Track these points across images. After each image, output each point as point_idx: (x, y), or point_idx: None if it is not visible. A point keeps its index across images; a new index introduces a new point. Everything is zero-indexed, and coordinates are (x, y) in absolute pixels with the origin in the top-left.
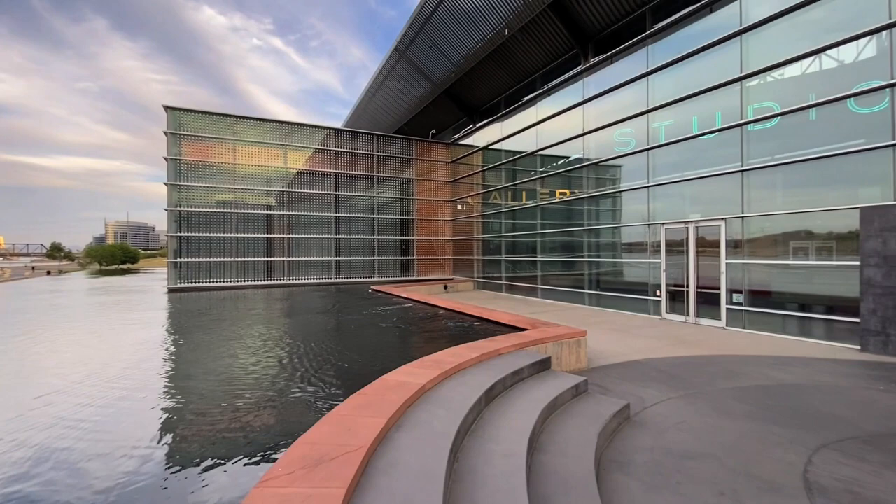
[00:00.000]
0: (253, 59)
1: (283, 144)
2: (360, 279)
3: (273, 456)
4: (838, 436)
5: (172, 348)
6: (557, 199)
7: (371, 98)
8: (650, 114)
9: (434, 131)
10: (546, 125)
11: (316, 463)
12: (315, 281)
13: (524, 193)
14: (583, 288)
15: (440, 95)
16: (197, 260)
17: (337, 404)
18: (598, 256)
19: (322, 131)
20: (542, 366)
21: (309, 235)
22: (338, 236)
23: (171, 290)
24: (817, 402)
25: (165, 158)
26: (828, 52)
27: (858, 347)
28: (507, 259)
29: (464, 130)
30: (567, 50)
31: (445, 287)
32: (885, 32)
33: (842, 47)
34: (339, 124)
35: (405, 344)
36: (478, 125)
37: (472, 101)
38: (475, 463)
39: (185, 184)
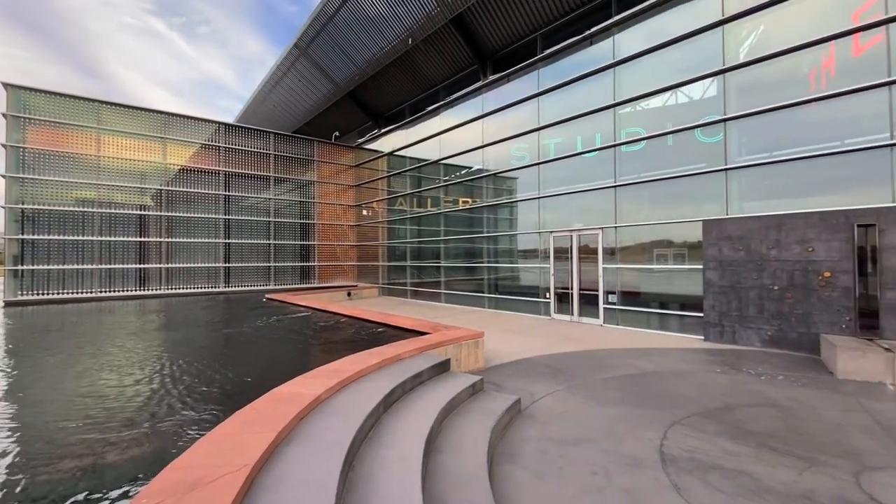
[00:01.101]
0: (128, 39)
1: (162, 137)
2: (253, 287)
3: (138, 488)
4: (686, 413)
5: (6, 374)
6: (460, 207)
7: (268, 94)
8: (541, 131)
9: (337, 133)
10: (449, 135)
11: (189, 488)
12: (200, 290)
13: (429, 200)
14: (483, 292)
15: (344, 98)
16: (46, 267)
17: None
18: (497, 262)
19: (210, 125)
20: (442, 368)
21: (193, 239)
22: (227, 241)
23: (8, 304)
24: (671, 385)
25: (3, 145)
26: (681, 88)
27: (703, 338)
28: (412, 265)
29: (369, 135)
30: (468, 65)
31: (349, 294)
32: (721, 76)
33: (692, 85)
34: (231, 119)
35: (302, 355)
36: (383, 130)
37: (378, 106)
38: (370, 470)
39: (32, 177)
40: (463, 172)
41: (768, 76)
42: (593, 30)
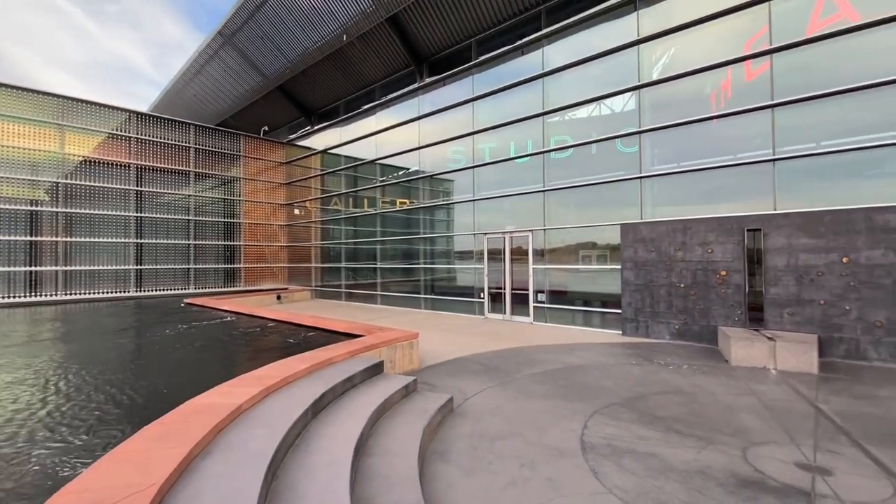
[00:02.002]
0: (18, 12)
1: (59, 124)
2: (170, 291)
3: None
4: (605, 403)
5: None
6: (398, 208)
7: (188, 83)
8: (476, 136)
9: (266, 128)
10: (385, 135)
11: None
12: (106, 295)
13: (365, 200)
14: (419, 293)
15: (274, 91)
16: None
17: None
18: (433, 263)
19: (120, 114)
20: (375, 370)
21: (97, 239)
22: (139, 241)
23: None
24: (593, 378)
25: None
26: (604, 101)
27: (621, 332)
28: (347, 266)
29: (301, 131)
30: (405, 66)
31: (279, 297)
32: (637, 92)
33: (614, 99)
34: (145, 108)
35: (224, 363)
36: (316, 127)
37: (310, 102)
38: (296, 478)
39: None
40: (400, 173)
41: (677, 94)
42: (524, 40)
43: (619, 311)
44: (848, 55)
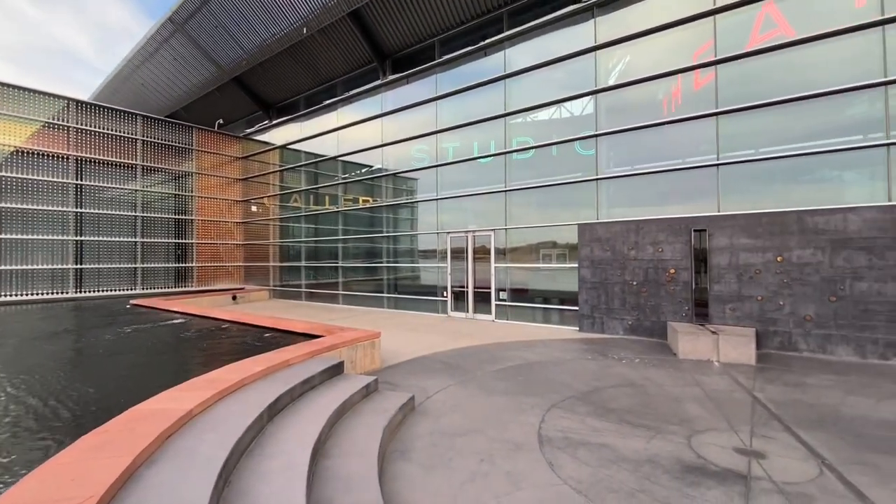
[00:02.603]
0: None
1: None
2: (115, 292)
3: None
4: (562, 397)
5: None
6: (360, 206)
7: (135, 70)
8: (440, 135)
9: (221, 121)
10: (348, 132)
11: None
12: (40, 297)
13: (327, 198)
14: (382, 292)
15: (230, 83)
16: None
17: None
18: (397, 262)
19: (57, 101)
20: (335, 371)
21: (30, 236)
22: (79, 238)
23: None
24: (551, 373)
25: None
26: (564, 104)
27: (578, 329)
28: (307, 265)
29: (258, 125)
30: (367, 62)
31: (234, 297)
32: (594, 96)
33: (574, 102)
34: (87, 96)
35: (174, 367)
36: (275, 122)
37: (269, 96)
38: (249, 484)
39: None
40: (363, 171)
41: (632, 100)
42: (487, 42)
43: (576, 308)
44: (785, 68)
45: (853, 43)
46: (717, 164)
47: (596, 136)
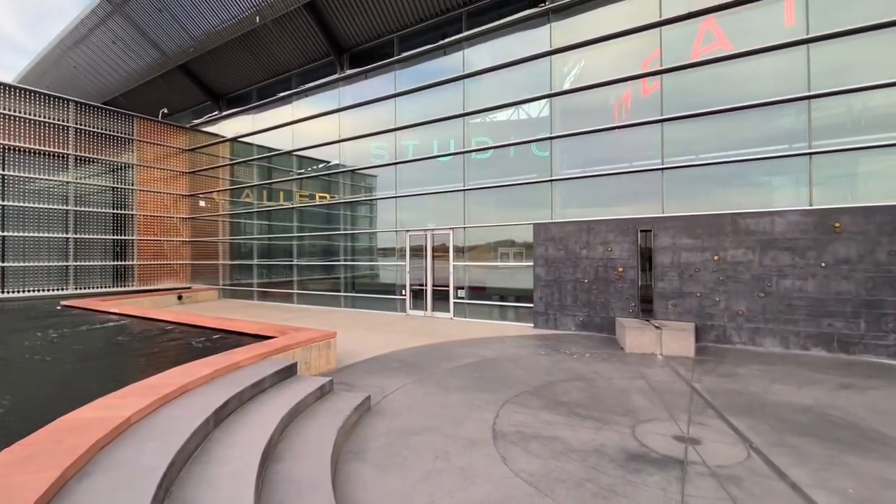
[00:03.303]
0: None
1: None
2: (43, 293)
3: None
4: (516, 392)
5: None
6: (317, 203)
7: (67, 52)
8: (399, 132)
9: (166, 111)
10: (303, 126)
11: None
12: None
13: (281, 194)
14: (340, 291)
15: (175, 70)
16: None
17: None
18: (354, 260)
19: None
20: (288, 373)
21: None
22: (2, 234)
23: None
24: (506, 369)
25: None
26: (522, 106)
27: (533, 325)
28: (260, 263)
29: (207, 116)
30: (324, 55)
31: (180, 297)
32: (549, 100)
33: (531, 105)
34: (11, 78)
35: (109, 372)
36: (225, 113)
37: (218, 85)
38: (194, 493)
39: None
40: (320, 166)
41: (585, 104)
42: (446, 41)
43: (531, 305)
44: (724, 80)
45: (783, 59)
46: (662, 169)
47: (550, 138)
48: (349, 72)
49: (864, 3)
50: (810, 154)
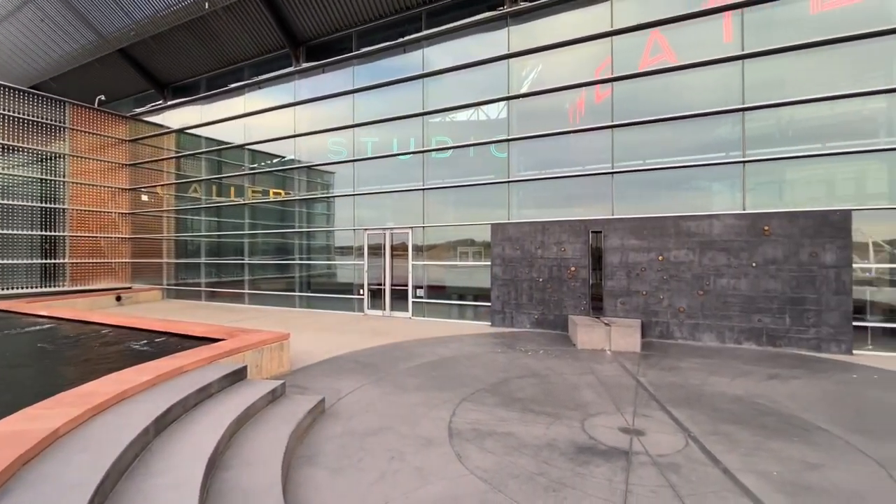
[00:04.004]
0: None
1: None
2: None
3: None
4: (472, 390)
5: None
6: (271, 199)
7: None
8: (358, 129)
9: (103, 97)
10: (256, 119)
11: None
12: None
13: (232, 189)
14: (294, 291)
15: (114, 55)
16: None
17: None
18: (310, 259)
19: None
20: (237, 377)
21: None
22: None
23: None
24: (463, 367)
25: None
26: (481, 107)
27: (490, 324)
28: (208, 262)
29: (150, 105)
30: (279, 47)
31: (119, 298)
32: (507, 102)
33: (490, 106)
34: None
35: (35, 381)
36: (170, 102)
37: (163, 73)
38: None
39: None
40: (274, 161)
41: (542, 107)
42: (405, 39)
43: (489, 303)
44: (670, 90)
45: (721, 72)
46: (612, 173)
47: (508, 140)
48: (305, 65)
49: (793, 25)
50: (744, 162)
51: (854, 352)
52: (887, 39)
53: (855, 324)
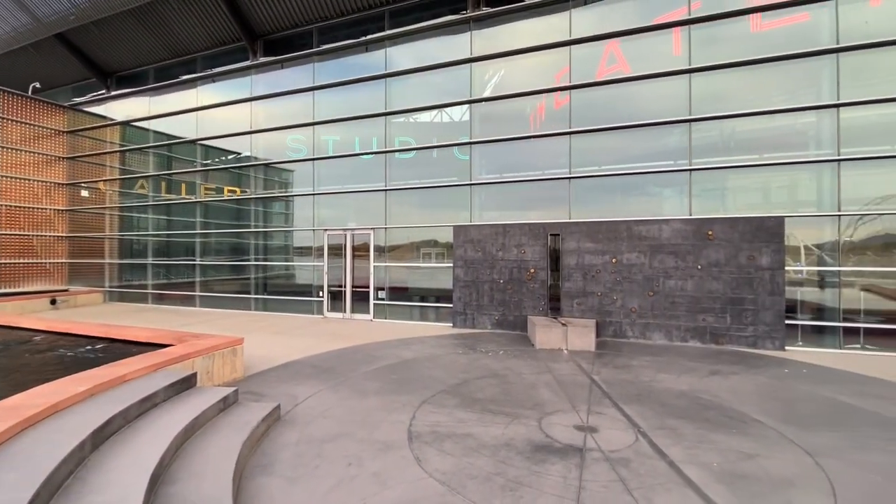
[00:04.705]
0: None
1: None
2: None
3: None
4: (433, 392)
5: None
6: (225, 198)
7: None
8: (319, 126)
9: (38, 85)
10: (210, 113)
11: None
12: None
13: (183, 186)
14: (250, 293)
15: (51, 40)
16: None
17: None
18: (267, 260)
19: None
20: (185, 384)
21: None
22: None
23: None
24: (425, 369)
25: None
26: (445, 109)
27: (452, 325)
28: (156, 263)
29: (92, 95)
30: (234, 39)
31: (54, 301)
32: (469, 105)
33: (453, 108)
34: None
35: None
36: (114, 93)
37: (106, 61)
38: None
39: None
40: (229, 158)
41: (504, 111)
42: (368, 38)
43: (451, 305)
44: (624, 99)
45: (670, 84)
46: (570, 178)
47: (470, 143)
48: (263, 59)
49: (735, 42)
50: (690, 170)
51: (786, 348)
52: (817, 60)
53: (787, 322)
